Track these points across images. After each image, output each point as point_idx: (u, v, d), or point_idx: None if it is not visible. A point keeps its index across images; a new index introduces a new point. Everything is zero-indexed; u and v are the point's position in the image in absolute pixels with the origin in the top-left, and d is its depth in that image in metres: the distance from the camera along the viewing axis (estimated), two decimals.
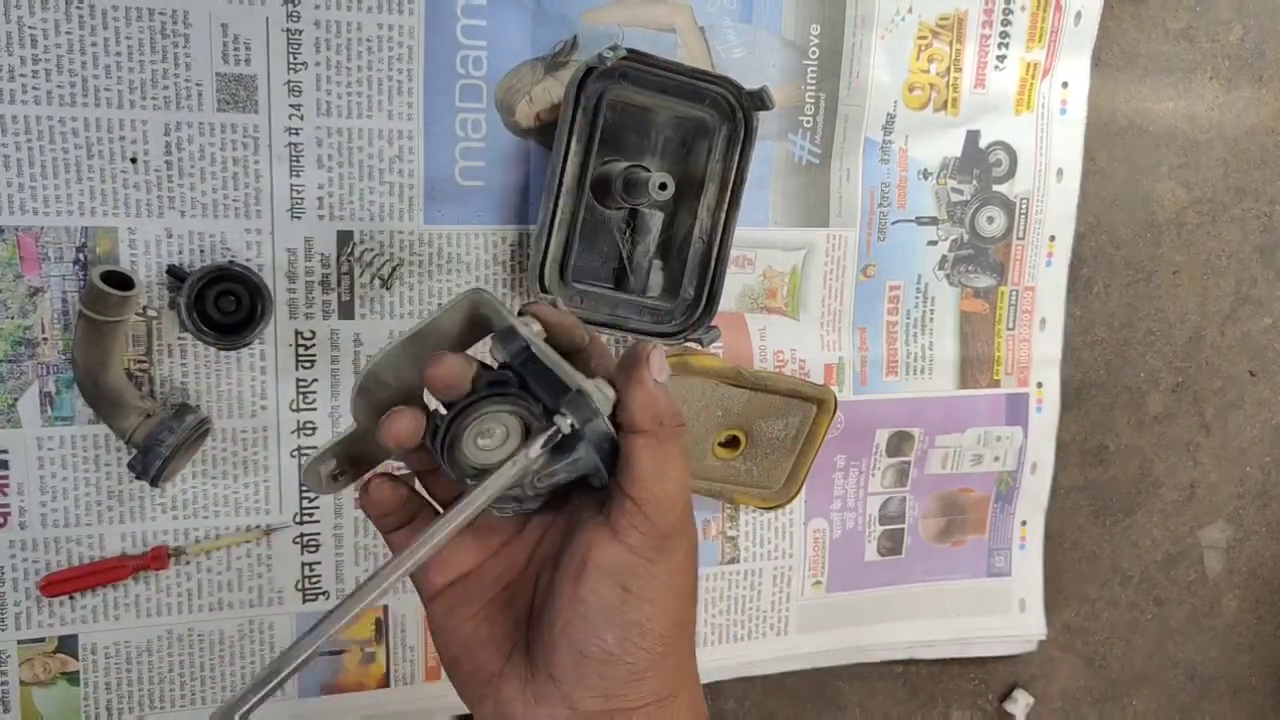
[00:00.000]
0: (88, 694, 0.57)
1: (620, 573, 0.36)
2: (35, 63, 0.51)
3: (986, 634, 0.75)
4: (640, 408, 0.37)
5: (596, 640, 0.36)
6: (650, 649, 0.36)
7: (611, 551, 0.36)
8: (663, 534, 0.36)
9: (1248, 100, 0.76)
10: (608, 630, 0.36)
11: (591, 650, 0.36)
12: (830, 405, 0.65)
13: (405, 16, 0.56)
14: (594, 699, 0.36)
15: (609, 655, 0.36)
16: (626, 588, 0.36)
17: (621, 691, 0.36)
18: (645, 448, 0.37)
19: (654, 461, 0.36)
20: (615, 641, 0.36)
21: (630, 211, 0.60)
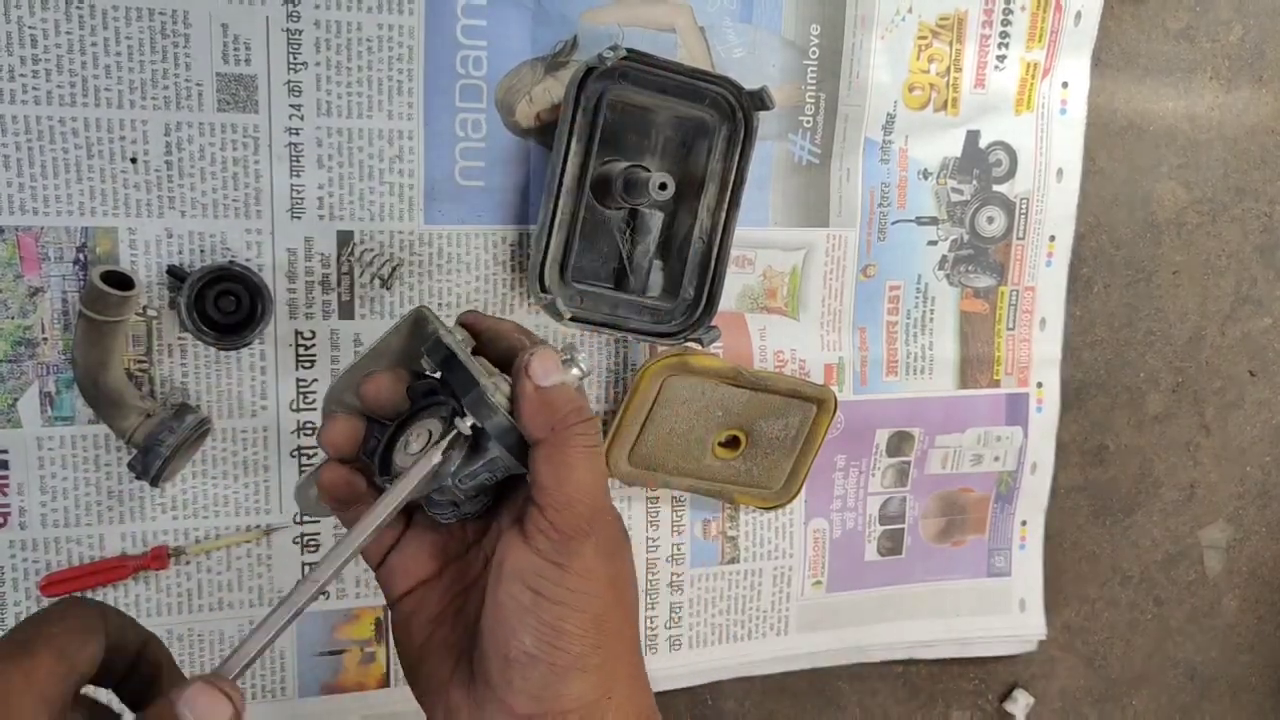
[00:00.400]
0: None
1: (529, 576, 0.37)
2: (35, 63, 0.51)
3: (986, 634, 0.75)
4: (528, 417, 0.37)
5: (515, 642, 0.37)
6: (568, 649, 0.37)
7: (521, 555, 0.37)
8: (567, 536, 0.37)
9: (1248, 100, 0.76)
10: (524, 632, 0.36)
11: (513, 653, 0.37)
12: (830, 405, 0.65)
13: (405, 16, 0.56)
14: (526, 701, 0.37)
15: (529, 657, 0.36)
16: (537, 590, 0.37)
17: (548, 694, 0.37)
18: (541, 456, 0.37)
19: (551, 466, 0.37)
20: (533, 643, 0.37)
21: (630, 211, 0.60)
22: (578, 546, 0.37)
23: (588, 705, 0.37)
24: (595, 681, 0.38)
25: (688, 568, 0.67)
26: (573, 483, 0.37)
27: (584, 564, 0.37)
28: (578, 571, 0.37)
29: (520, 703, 0.37)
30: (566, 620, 0.37)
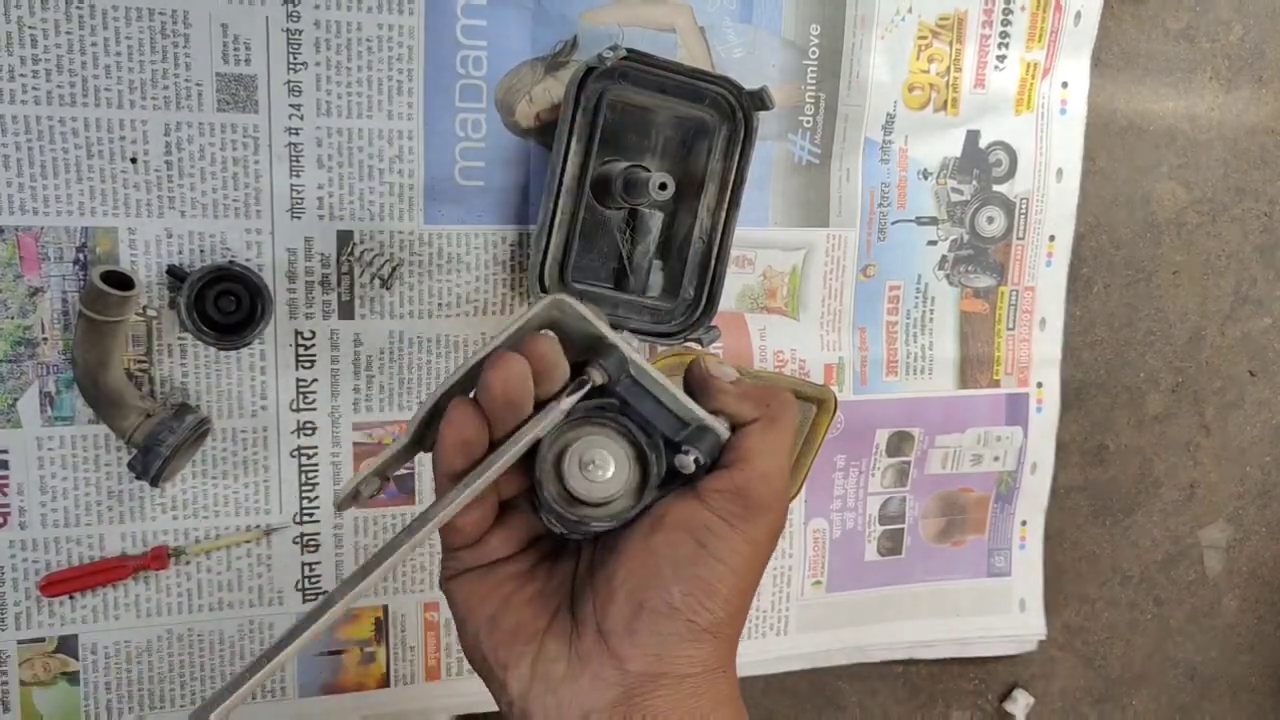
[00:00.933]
0: (88, 694, 0.57)
1: (697, 528, 0.36)
2: (35, 63, 0.51)
3: (986, 634, 0.75)
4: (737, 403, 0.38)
5: (661, 592, 0.35)
6: (714, 610, 0.36)
7: (691, 508, 0.36)
8: (748, 503, 0.36)
9: (1248, 100, 0.76)
10: (675, 583, 0.35)
11: (653, 602, 0.35)
12: (830, 405, 0.65)
13: (405, 16, 0.56)
14: (645, 658, 0.35)
15: (671, 609, 0.35)
16: (702, 543, 0.36)
17: (675, 652, 0.35)
18: (756, 429, 0.37)
19: (764, 438, 0.37)
20: (680, 595, 0.35)
21: (630, 211, 0.60)
22: (757, 516, 0.36)
23: (708, 672, 0.36)
24: (721, 651, 0.36)
25: None
26: (773, 457, 0.37)
27: (756, 534, 0.36)
28: (749, 538, 0.36)
29: (637, 657, 0.35)
30: (723, 581, 0.36)
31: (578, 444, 0.36)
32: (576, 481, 0.36)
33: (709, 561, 0.36)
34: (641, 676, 0.35)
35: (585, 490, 0.36)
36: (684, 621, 0.35)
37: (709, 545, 0.36)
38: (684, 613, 0.35)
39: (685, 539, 0.36)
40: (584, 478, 0.36)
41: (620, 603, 0.36)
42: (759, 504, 0.36)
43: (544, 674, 0.36)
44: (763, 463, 0.37)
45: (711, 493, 0.36)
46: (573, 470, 0.36)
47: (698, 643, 0.36)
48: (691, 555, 0.36)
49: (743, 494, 0.36)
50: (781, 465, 0.37)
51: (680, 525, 0.36)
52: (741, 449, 0.37)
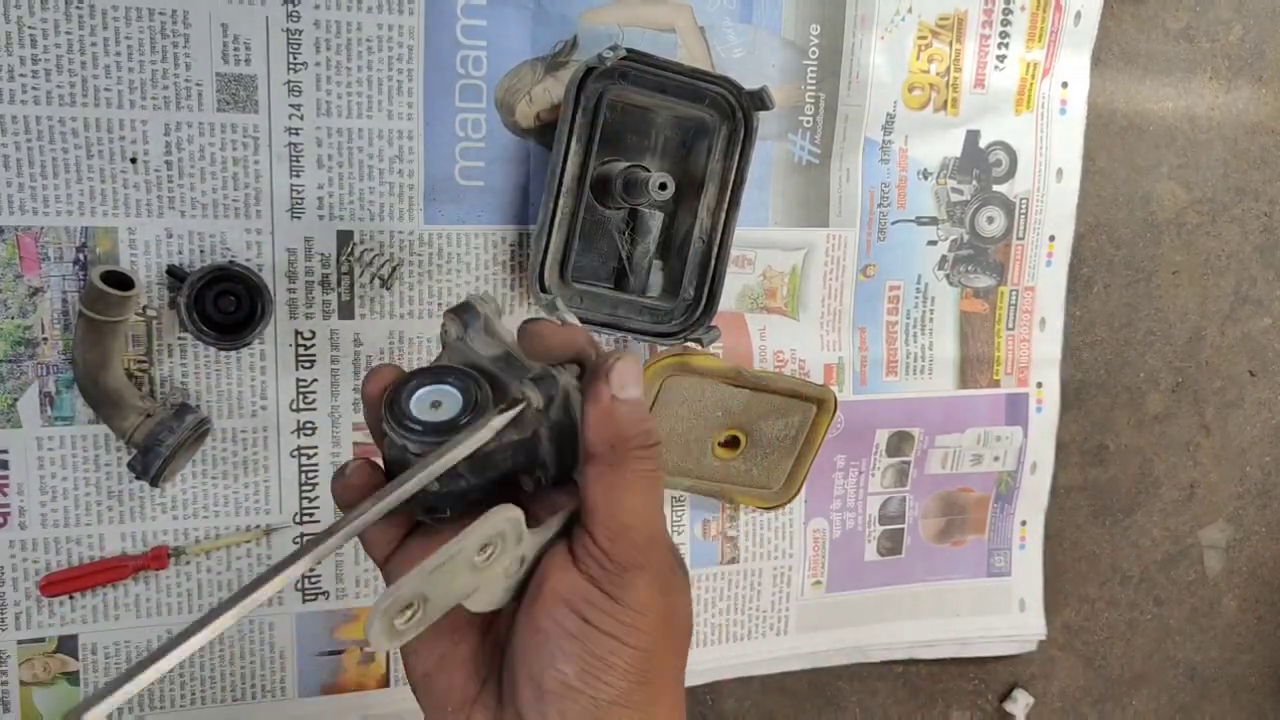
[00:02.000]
0: (87, 694, 0.57)
1: (577, 602, 0.33)
2: (35, 63, 0.51)
3: (986, 634, 0.75)
4: (592, 427, 0.34)
5: (554, 672, 0.33)
6: (613, 684, 0.33)
7: (569, 579, 0.34)
8: (621, 566, 0.34)
9: (1248, 100, 0.76)
10: (566, 662, 0.33)
11: (549, 683, 0.33)
12: (830, 405, 0.65)
13: (405, 16, 0.56)
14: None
15: (568, 689, 0.33)
16: (584, 616, 0.33)
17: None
18: (596, 475, 0.34)
19: (605, 490, 0.34)
20: (575, 674, 0.33)
21: (630, 211, 0.60)
22: (632, 578, 0.34)
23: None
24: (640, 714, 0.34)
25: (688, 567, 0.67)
26: (628, 509, 0.34)
27: (637, 597, 0.34)
28: (630, 605, 0.34)
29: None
30: (616, 654, 0.33)
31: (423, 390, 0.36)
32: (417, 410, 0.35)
33: (596, 636, 0.33)
34: None
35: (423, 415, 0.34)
36: (587, 699, 0.33)
37: (592, 619, 0.33)
38: (584, 691, 0.33)
39: (567, 614, 0.33)
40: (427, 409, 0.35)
41: (523, 683, 0.34)
42: (628, 563, 0.34)
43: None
44: (614, 518, 0.34)
45: (585, 559, 0.34)
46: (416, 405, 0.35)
47: (607, 717, 0.34)
48: (577, 630, 0.33)
49: (610, 556, 0.34)
50: (641, 514, 0.34)
51: (560, 598, 0.34)
52: (589, 503, 0.34)
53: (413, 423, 0.34)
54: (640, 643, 0.34)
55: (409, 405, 0.35)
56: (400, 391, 0.35)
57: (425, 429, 0.34)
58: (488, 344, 0.37)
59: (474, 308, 0.37)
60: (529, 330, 0.37)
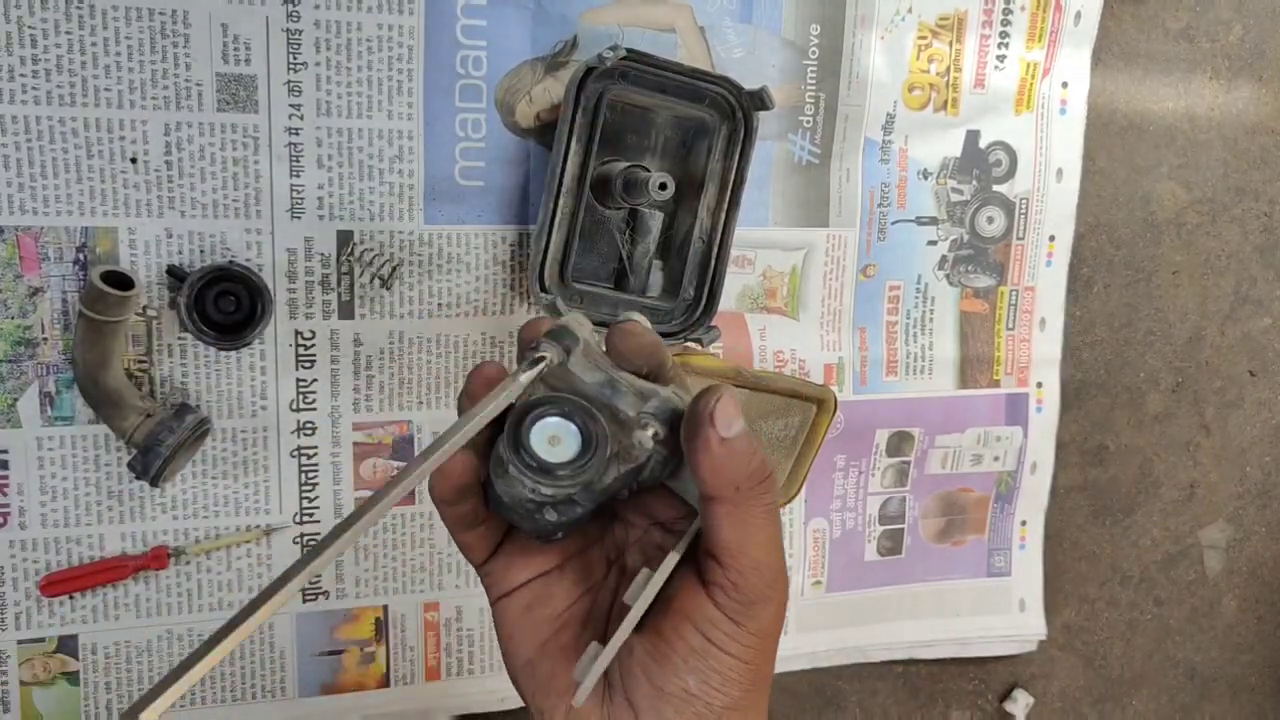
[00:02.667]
0: (87, 694, 0.57)
1: (704, 624, 0.36)
2: (35, 63, 0.51)
3: (986, 634, 0.75)
4: (710, 472, 0.35)
5: (677, 680, 0.36)
6: (729, 694, 0.36)
7: (698, 602, 0.36)
8: (750, 600, 0.36)
9: (1248, 100, 0.76)
10: (688, 673, 0.36)
11: (671, 689, 0.36)
12: (830, 405, 0.65)
13: (405, 16, 0.56)
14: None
15: (688, 695, 0.36)
16: (709, 637, 0.36)
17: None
18: (724, 516, 0.36)
19: (734, 529, 0.36)
20: (696, 685, 0.36)
21: (630, 211, 0.60)
22: (759, 611, 0.36)
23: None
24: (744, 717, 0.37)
25: None
26: (759, 545, 0.36)
27: (760, 626, 0.36)
28: (754, 631, 0.36)
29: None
30: (734, 670, 0.36)
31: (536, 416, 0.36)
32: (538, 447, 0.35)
33: (717, 655, 0.36)
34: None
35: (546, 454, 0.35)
36: (703, 704, 0.36)
37: (715, 640, 0.36)
38: (701, 698, 0.36)
39: (692, 632, 0.36)
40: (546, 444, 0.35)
41: (642, 684, 0.36)
42: (758, 597, 0.36)
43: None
44: (745, 555, 0.36)
45: (715, 589, 0.36)
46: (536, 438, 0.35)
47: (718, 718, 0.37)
48: (700, 648, 0.36)
49: (739, 589, 0.36)
50: (768, 549, 0.36)
51: (686, 616, 0.36)
52: (723, 539, 0.36)
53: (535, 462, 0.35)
54: (755, 660, 0.37)
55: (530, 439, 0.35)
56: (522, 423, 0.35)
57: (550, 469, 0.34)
58: (588, 369, 0.37)
59: (573, 331, 0.37)
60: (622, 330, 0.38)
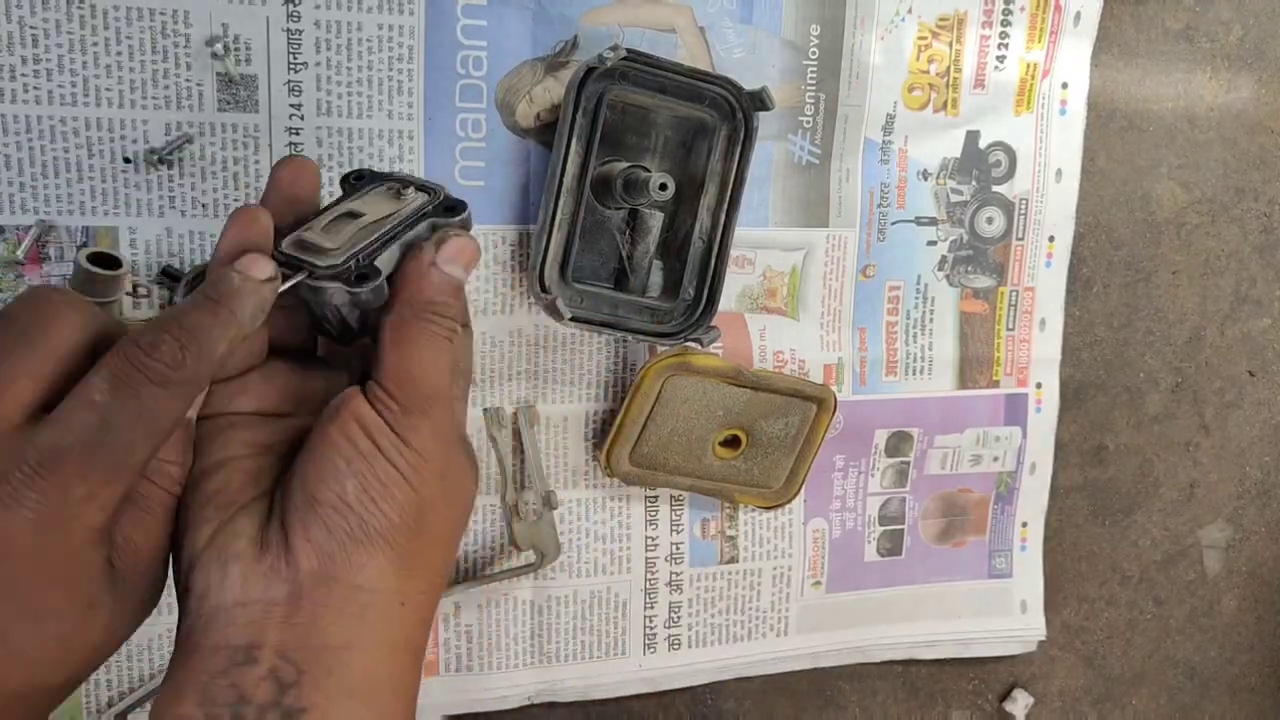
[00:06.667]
0: (89, 691, 0.57)
1: (371, 429, 0.35)
2: (36, 62, 0.52)
3: (987, 634, 0.75)
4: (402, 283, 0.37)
5: (334, 485, 0.34)
6: (388, 514, 0.35)
7: (365, 407, 0.36)
8: (405, 410, 0.36)
9: (1248, 100, 0.76)
10: (349, 478, 0.34)
11: (325, 495, 0.34)
12: (830, 404, 0.65)
13: (405, 16, 0.57)
14: (316, 555, 0.34)
15: (343, 504, 0.34)
16: (374, 441, 0.35)
17: (346, 555, 0.34)
18: (390, 326, 0.37)
19: (395, 340, 0.36)
20: (354, 491, 0.34)
21: (630, 211, 0.60)
22: (415, 422, 0.36)
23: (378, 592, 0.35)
24: (396, 569, 0.35)
25: (687, 567, 0.68)
26: (413, 360, 0.36)
27: (421, 442, 0.36)
28: (415, 448, 0.36)
29: (309, 553, 0.34)
30: (395, 486, 0.35)
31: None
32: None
33: (381, 462, 0.35)
34: (312, 577, 0.34)
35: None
36: (356, 521, 0.34)
37: (381, 444, 0.35)
38: (355, 510, 0.34)
39: (359, 433, 0.35)
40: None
41: (296, 492, 0.35)
42: (411, 407, 0.36)
43: (220, 545, 0.35)
44: (402, 363, 0.36)
45: (375, 395, 0.36)
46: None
47: (370, 548, 0.34)
48: (366, 450, 0.35)
49: (393, 398, 0.36)
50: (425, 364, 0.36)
51: (357, 419, 0.35)
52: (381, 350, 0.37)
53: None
54: (418, 485, 0.35)
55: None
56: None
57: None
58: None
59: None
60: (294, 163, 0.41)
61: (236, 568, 0.34)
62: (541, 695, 0.65)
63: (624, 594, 0.66)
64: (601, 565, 0.66)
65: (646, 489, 0.66)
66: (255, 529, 0.35)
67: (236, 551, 0.34)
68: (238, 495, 0.36)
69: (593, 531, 0.65)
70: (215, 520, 0.35)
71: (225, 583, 0.34)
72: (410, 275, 0.37)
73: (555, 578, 0.64)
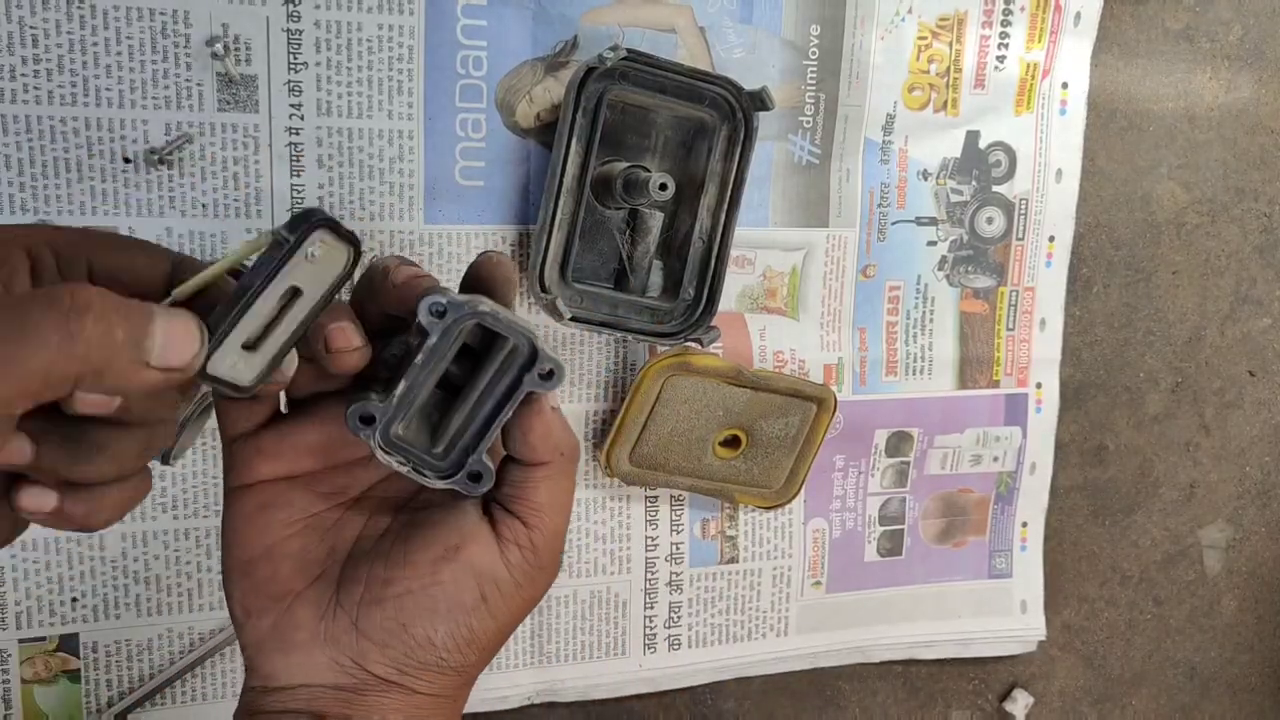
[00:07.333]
0: (89, 691, 0.57)
1: (485, 580, 0.36)
2: (37, 62, 0.52)
3: (987, 634, 0.75)
4: (541, 437, 0.36)
5: (426, 625, 0.36)
6: (468, 657, 0.37)
7: (490, 557, 0.36)
8: (540, 565, 0.37)
9: (1248, 101, 0.76)
10: (443, 622, 0.36)
11: (416, 631, 0.36)
12: (830, 404, 0.65)
13: (405, 16, 0.57)
14: (389, 668, 0.36)
15: (430, 644, 0.36)
16: (485, 596, 0.36)
17: (419, 675, 0.36)
18: (543, 479, 0.37)
19: (551, 494, 0.37)
20: (443, 636, 0.36)
21: (630, 211, 0.60)
22: (542, 577, 0.37)
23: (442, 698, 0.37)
24: (461, 685, 0.38)
25: (687, 567, 0.68)
26: (563, 514, 0.37)
27: (536, 593, 0.37)
28: (529, 598, 0.37)
29: (382, 665, 0.36)
30: (489, 634, 0.37)
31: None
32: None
33: (484, 616, 0.36)
34: (380, 682, 0.36)
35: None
36: (436, 657, 0.36)
37: (490, 600, 0.36)
38: (439, 651, 0.36)
39: (472, 586, 0.36)
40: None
41: (386, 613, 0.36)
42: (547, 564, 0.37)
43: (283, 635, 0.36)
44: (554, 520, 0.37)
45: (510, 546, 0.36)
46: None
47: (443, 676, 0.37)
48: (471, 604, 0.36)
49: (537, 553, 0.37)
50: (565, 520, 0.38)
51: (472, 570, 0.36)
52: (536, 501, 0.36)
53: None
54: (505, 630, 0.37)
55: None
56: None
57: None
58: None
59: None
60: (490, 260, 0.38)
61: (300, 656, 0.36)
62: (541, 695, 0.65)
63: (624, 594, 0.66)
64: (601, 565, 0.66)
65: (646, 489, 0.66)
66: (315, 619, 0.36)
67: (300, 643, 0.36)
68: (290, 584, 0.37)
69: (593, 531, 0.65)
70: (274, 611, 0.36)
71: (289, 668, 0.36)
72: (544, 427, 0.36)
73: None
